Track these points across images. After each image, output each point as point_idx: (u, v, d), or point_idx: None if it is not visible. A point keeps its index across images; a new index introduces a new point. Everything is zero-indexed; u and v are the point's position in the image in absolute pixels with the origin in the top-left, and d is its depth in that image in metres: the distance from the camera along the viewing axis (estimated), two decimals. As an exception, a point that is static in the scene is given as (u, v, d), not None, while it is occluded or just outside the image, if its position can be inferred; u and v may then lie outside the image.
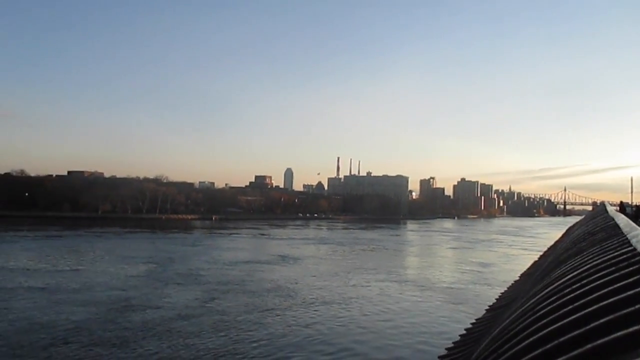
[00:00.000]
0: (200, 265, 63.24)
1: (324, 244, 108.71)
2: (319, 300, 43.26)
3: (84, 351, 27.03)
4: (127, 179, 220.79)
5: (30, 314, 34.96)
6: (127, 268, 58.94)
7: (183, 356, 26.93)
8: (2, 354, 26.36)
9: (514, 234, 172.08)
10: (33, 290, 43.36)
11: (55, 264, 59.94)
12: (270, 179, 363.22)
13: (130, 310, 37.08)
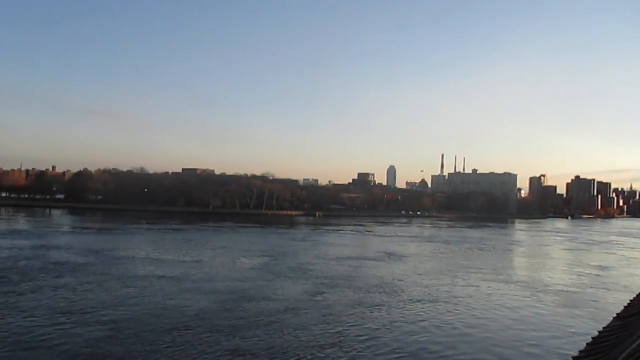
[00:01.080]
0: (309, 259, 64.98)
1: (429, 242, 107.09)
2: (425, 298, 42.83)
3: (202, 337, 28.79)
4: (236, 176, 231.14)
5: (160, 299, 38.03)
6: (242, 260, 62.06)
7: (290, 346, 27.88)
8: (134, 334, 28.71)
9: (636, 235, 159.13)
10: (162, 278, 46.96)
11: (179, 255, 64.30)
12: (373, 176, 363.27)
13: (244, 300, 38.92)
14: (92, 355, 25.15)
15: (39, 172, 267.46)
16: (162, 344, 27.04)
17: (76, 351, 25.57)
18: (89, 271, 48.99)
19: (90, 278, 45.36)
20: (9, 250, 60.65)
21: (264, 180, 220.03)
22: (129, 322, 31.36)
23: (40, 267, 49.87)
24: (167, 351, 26.02)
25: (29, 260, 53.31)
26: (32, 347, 26.06)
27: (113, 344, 26.81)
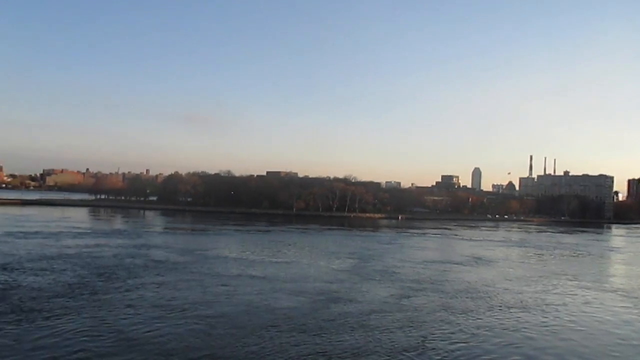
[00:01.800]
0: (395, 262, 64.91)
1: (519, 247, 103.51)
2: (516, 306, 41.63)
3: (290, 336, 29.62)
4: (319, 178, 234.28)
5: (251, 298, 39.49)
6: (329, 262, 63.04)
7: (375, 349, 28.01)
8: (227, 331, 30.09)
9: None
10: (254, 278, 48.74)
11: (268, 256, 66.19)
12: (457, 178, 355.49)
13: (331, 301, 39.59)
14: (189, 349, 26.60)
15: (134, 176, 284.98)
16: (252, 342, 28.12)
17: (176, 345, 27.13)
18: (186, 269, 51.69)
19: (188, 276, 47.90)
20: (115, 249, 65.18)
21: (346, 183, 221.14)
22: (223, 318, 32.88)
23: (143, 265, 53.28)
24: (256, 349, 27.02)
25: (132, 259, 57.06)
26: (138, 339, 27.89)
27: (208, 340, 28.25)
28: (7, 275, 43.50)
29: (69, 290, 38.99)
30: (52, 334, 27.75)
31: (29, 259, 53.48)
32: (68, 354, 24.82)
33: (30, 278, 42.94)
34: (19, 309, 32.52)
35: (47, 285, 40.46)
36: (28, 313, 31.61)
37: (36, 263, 50.92)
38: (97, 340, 27.30)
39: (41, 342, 26.37)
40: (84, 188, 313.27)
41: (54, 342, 26.46)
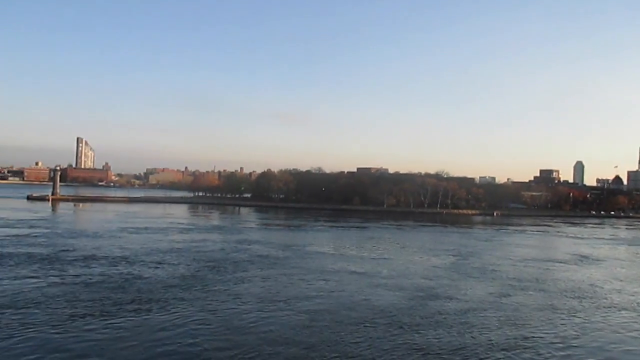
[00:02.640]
0: (494, 260, 63.54)
1: (629, 245, 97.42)
2: (628, 307, 39.50)
3: (388, 332, 30.01)
4: (410, 174, 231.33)
5: (351, 293, 40.34)
6: (427, 259, 62.80)
7: (472, 348, 27.71)
8: (327, 325, 30.97)
9: None
10: (353, 274, 49.64)
11: (366, 252, 67.08)
12: (557, 173, 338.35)
13: (430, 298, 39.59)
14: (291, 340, 27.71)
15: (229, 173, 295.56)
16: (351, 336, 28.76)
17: (278, 336, 28.37)
18: (287, 264, 53.53)
19: (289, 270, 49.63)
20: (219, 244, 68.86)
21: (438, 179, 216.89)
22: (323, 312, 33.85)
23: (247, 259, 55.83)
24: (354, 343, 27.64)
25: (237, 253, 60.01)
26: (243, 329, 29.54)
27: (309, 333, 29.25)
28: (126, 268, 47.29)
29: (182, 282, 41.83)
30: (167, 322, 29.98)
31: (144, 252, 57.71)
32: (181, 341, 26.72)
33: (147, 270, 46.43)
34: (139, 299, 35.26)
35: (162, 277, 43.60)
36: (146, 303, 34.24)
37: (151, 256, 54.87)
38: (206, 328, 29.22)
39: (157, 330, 28.59)
40: (183, 186, 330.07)
41: (168, 330, 28.63)
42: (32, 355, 23.88)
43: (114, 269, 46.56)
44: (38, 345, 25.27)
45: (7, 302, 32.90)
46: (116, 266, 47.91)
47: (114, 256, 53.96)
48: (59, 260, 50.06)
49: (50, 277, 41.35)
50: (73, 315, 30.41)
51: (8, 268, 44.78)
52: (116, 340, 26.38)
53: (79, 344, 25.70)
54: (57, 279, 40.79)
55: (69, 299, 34.38)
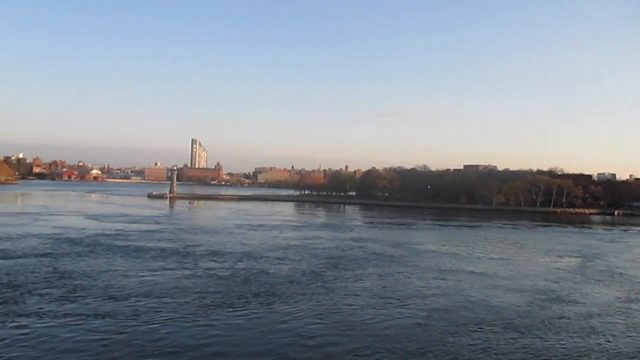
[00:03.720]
0: (621, 263, 59.77)
1: None
2: None
3: (504, 335, 29.14)
4: (520, 171, 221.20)
5: (468, 294, 39.73)
6: (547, 260, 60.27)
7: (594, 355, 26.33)
8: (441, 325, 30.63)
9: None
10: (470, 274, 48.80)
11: (480, 252, 65.36)
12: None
13: (551, 301, 38.08)
14: (406, 338, 27.79)
15: (334, 172, 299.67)
16: (466, 338, 28.31)
17: (394, 333, 28.58)
18: (401, 262, 53.64)
19: (404, 269, 49.73)
20: (333, 241, 70.27)
21: (551, 176, 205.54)
22: (438, 312, 33.60)
23: (362, 256, 56.68)
24: (470, 345, 27.17)
25: (352, 251, 61.13)
26: (358, 325, 30.01)
27: (424, 332, 29.19)
28: (249, 263, 49.80)
29: (302, 277, 43.36)
30: (287, 316, 31.25)
31: (263, 248, 60.44)
32: (299, 335, 27.78)
33: (269, 266, 48.56)
34: (262, 292, 37.03)
35: (284, 272, 45.41)
36: (269, 296, 35.89)
37: (271, 252, 57.34)
38: (324, 323, 30.09)
39: (278, 322, 29.90)
40: (289, 184, 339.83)
41: (288, 323, 29.82)
42: (165, 341, 25.96)
43: (238, 263, 49.26)
44: (170, 331, 27.46)
45: (146, 291, 36.03)
46: (240, 261, 50.62)
47: (236, 252, 57.00)
48: (188, 254, 53.73)
49: (181, 270, 44.61)
50: (202, 306, 32.69)
51: (147, 261, 48.79)
52: (239, 331, 28.06)
53: (206, 332, 27.64)
54: (188, 272, 43.90)
55: (198, 290, 36.91)
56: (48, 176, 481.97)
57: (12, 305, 30.88)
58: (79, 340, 25.43)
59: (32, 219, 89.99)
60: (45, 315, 29.20)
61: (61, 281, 38.08)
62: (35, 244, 57.34)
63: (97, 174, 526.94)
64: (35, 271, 41.41)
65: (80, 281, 38.33)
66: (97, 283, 37.93)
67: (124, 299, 33.37)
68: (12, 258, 47.46)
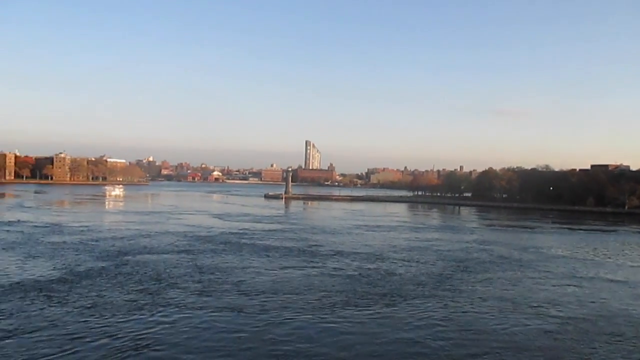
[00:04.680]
0: None
1: None
2: None
3: None
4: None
5: (606, 303, 36.91)
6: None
7: None
8: (573, 335, 28.61)
9: None
10: (609, 282, 45.33)
11: (622, 259, 60.58)
12: None
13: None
14: (535, 347, 26.47)
15: (449, 172, 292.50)
16: (604, 350, 26.37)
17: (522, 341, 27.38)
18: (530, 267, 51.24)
19: (534, 274, 47.45)
20: (456, 244, 68.70)
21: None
22: (573, 321, 31.52)
23: (487, 260, 54.84)
24: None
25: (477, 253, 59.47)
26: (482, 330, 29.00)
27: (555, 341, 27.65)
28: (373, 263, 50.05)
29: (426, 279, 42.89)
30: (411, 318, 30.98)
31: (386, 249, 60.56)
32: (423, 337, 27.38)
33: (393, 267, 48.49)
34: (387, 293, 37.06)
35: (409, 274, 45.15)
36: (393, 297, 35.86)
37: (394, 253, 57.31)
38: (448, 326, 29.48)
39: (401, 324, 29.73)
40: (402, 185, 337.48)
41: (411, 325, 29.59)
42: (293, 336, 26.86)
43: (362, 263, 49.70)
44: (298, 327, 28.39)
45: (275, 288, 37.43)
46: (364, 261, 51.03)
47: (359, 252, 57.56)
48: (312, 254, 55.21)
49: (307, 269, 45.90)
50: (328, 304, 33.35)
51: (274, 259, 50.74)
52: (364, 330, 28.27)
53: (332, 329, 28.15)
54: (314, 271, 45.07)
55: (324, 288, 37.75)
56: (174, 178, 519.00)
57: (157, 297, 33.45)
58: (215, 331, 27.05)
59: (165, 217, 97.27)
60: (185, 307, 31.34)
61: (198, 276, 40.71)
62: (172, 240, 61.95)
63: (218, 175, 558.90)
64: (176, 266, 44.66)
65: (215, 276, 40.72)
66: (230, 279, 40.08)
67: (254, 295, 34.98)
68: (155, 253, 51.58)
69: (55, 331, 25.70)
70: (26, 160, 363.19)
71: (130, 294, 33.82)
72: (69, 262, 44.74)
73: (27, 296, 32.34)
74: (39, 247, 52.83)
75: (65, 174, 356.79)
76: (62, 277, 38.48)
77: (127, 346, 24.04)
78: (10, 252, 49.42)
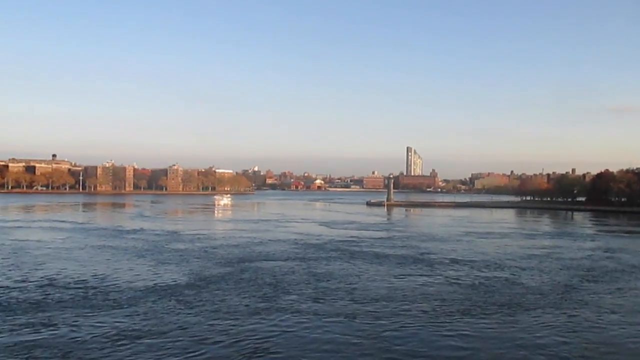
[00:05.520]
0: None
1: None
2: None
3: None
4: None
5: None
6: None
7: None
8: None
9: None
10: None
11: None
12: None
13: None
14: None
15: (560, 176, 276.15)
16: None
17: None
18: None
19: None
20: (576, 252, 64.77)
21: None
22: None
23: (616, 269, 51.05)
24: None
25: (602, 262, 55.71)
26: (612, 344, 27.39)
27: None
28: (489, 272, 48.34)
29: (548, 289, 40.83)
30: (532, 330, 29.42)
31: (500, 257, 58.31)
32: (544, 349, 26.03)
33: (510, 276, 46.50)
34: (506, 303, 35.58)
35: (527, 283, 43.25)
36: (512, 308, 34.35)
37: (510, 262, 54.98)
38: (572, 339, 27.90)
39: (521, 336, 28.27)
40: (509, 190, 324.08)
41: (532, 337, 28.03)
42: (408, 345, 26.55)
43: (477, 272, 48.38)
44: (412, 335, 28.09)
45: (388, 295, 37.37)
46: (479, 270, 49.63)
47: (472, 260, 56.13)
48: (424, 261, 54.51)
49: (420, 277, 45.41)
50: (443, 313, 32.69)
51: (386, 267, 50.64)
52: (482, 340, 27.30)
53: (447, 339, 27.47)
54: (427, 279, 44.52)
55: (439, 297, 37.07)
56: (279, 186, 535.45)
57: (274, 302, 34.62)
58: (329, 337, 27.37)
59: (273, 225, 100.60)
60: (300, 312, 32.09)
61: (312, 282, 41.61)
62: (284, 248, 63.81)
63: (320, 183, 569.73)
64: (290, 273, 45.95)
65: (329, 283, 41.43)
66: (343, 285, 40.59)
67: (368, 302, 35.08)
68: (270, 260, 53.47)
69: (183, 333, 27.33)
70: (143, 172, 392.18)
71: (250, 299, 35.27)
72: (193, 268, 47.58)
73: (160, 300, 34.76)
74: (165, 254, 56.63)
75: (178, 184, 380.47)
76: (189, 282, 40.97)
77: (246, 349, 25.08)
78: (142, 259, 53.34)
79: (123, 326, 28.28)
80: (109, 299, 34.81)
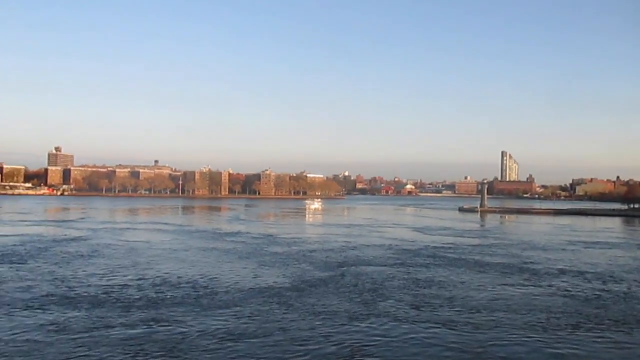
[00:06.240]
0: None
1: None
2: None
3: None
4: None
5: None
6: None
7: None
8: None
9: None
10: None
11: None
12: None
13: None
14: None
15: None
16: None
17: None
18: None
19: None
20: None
21: None
22: None
23: None
24: None
25: None
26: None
27: None
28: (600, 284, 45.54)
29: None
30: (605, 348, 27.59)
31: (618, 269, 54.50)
32: None
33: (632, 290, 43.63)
34: (626, 319, 33.28)
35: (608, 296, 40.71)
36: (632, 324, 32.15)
37: (631, 275, 51.38)
38: None
39: (634, 352, 26.83)
40: (615, 197, 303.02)
41: None
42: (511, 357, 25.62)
43: (588, 284, 45.49)
44: (513, 347, 27.04)
45: (490, 305, 36.16)
46: (590, 281, 46.71)
47: (582, 270, 53.09)
48: (527, 271, 52.23)
49: (524, 287, 43.57)
50: (550, 326, 31.11)
51: (486, 275, 49.16)
52: (591, 357, 26.02)
53: (552, 354, 26.17)
54: (532, 289, 42.58)
55: (546, 309, 35.26)
56: (369, 191, 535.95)
57: (372, 307, 34.70)
58: (426, 345, 27.00)
59: (366, 230, 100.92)
60: (398, 318, 31.91)
61: (411, 289, 41.29)
62: (380, 253, 63.75)
63: (411, 188, 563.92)
64: (389, 278, 45.79)
65: (427, 290, 40.92)
66: (443, 293, 39.93)
67: (468, 311, 34.23)
68: (368, 265, 53.66)
69: (283, 335, 28.02)
70: (237, 177, 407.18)
71: (349, 303, 35.55)
72: (293, 271, 48.77)
73: (264, 301, 35.94)
74: (266, 257, 58.40)
75: (271, 189, 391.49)
76: (291, 285, 42.04)
77: (342, 353, 25.33)
78: (244, 261, 55.45)
79: (229, 325, 29.55)
80: (216, 299, 36.53)
